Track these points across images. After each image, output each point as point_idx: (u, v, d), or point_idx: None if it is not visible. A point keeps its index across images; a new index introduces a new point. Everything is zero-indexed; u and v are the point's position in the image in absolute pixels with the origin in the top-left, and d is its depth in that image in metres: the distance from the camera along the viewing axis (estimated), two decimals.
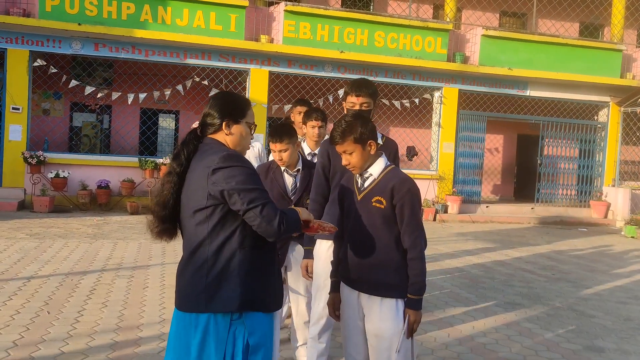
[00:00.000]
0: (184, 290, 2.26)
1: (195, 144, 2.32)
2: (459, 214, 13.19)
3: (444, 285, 6.43)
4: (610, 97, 14.84)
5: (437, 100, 13.87)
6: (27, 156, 10.94)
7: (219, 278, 2.18)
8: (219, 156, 2.18)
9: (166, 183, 2.28)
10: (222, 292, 2.18)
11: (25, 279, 5.67)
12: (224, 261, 2.19)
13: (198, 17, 11.67)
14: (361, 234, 2.63)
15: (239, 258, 2.19)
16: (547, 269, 7.82)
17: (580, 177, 14.97)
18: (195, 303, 2.20)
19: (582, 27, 16.69)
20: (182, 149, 2.30)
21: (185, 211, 2.27)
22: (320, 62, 12.63)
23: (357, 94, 3.19)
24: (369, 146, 2.61)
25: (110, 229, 9.10)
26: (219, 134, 2.34)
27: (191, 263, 2.24)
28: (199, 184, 2.20)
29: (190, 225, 2.25)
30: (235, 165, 2.17)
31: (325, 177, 3.27)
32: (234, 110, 2.35)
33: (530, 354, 4.31)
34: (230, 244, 2.19)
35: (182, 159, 2.28)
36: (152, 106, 13.44)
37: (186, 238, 2.30)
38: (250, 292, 2.20)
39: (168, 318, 4.66)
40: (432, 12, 15.54)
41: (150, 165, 11.51)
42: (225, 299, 2.17)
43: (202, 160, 2.22)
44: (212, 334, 2.18)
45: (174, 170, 2.28)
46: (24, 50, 11.12)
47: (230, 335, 2.19)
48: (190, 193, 2.24)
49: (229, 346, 2.18)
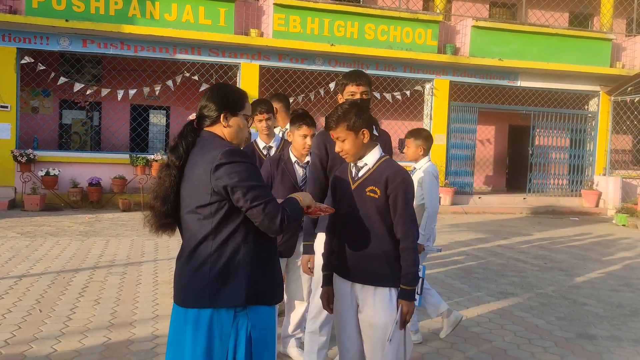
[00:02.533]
0: (186, 286, 2.21)
1: (193, 137, 2.28)
2: (452, 205, 13.23)
3: (437, 276, 6.45)
4: (601, 87, 14.90)
5: (428, 92, 13.88)
6: (17, 154, 10.85)
7: (223, 273, 2.16)
8: (222, 152, 2.15)
9: (165, 177, 2.24)
10: (227, 286, 2.16)
11: (16, 278, 5.63)
12: (229, 256, 2.17)
13: (187, 11, 11.59)
14: (354, 223, 2.63)
15: (243, 252, 2.18)
16: (540, 258, 7.87)
17: (571, 166, 15.04)
18: (199, 299, 2.16)
19: (571, 17, 16.73)
20: (180, 142, 2.25)
21: (186, 206, 2.23)
22: (310, 55, 12.59)
23: (357, 83, 3.24)
24: (362, 134, 2.61)
25: (102, 226, 9.06)
26: (217, 126, 2.30)
27: (193, 258, 2.20)
28: (202, 179, 2.16)
29: (191, 220, 2.21)
30: (238, 161, 2.16)
31: (322, 170, 3.23)
32: (231, 102, 2.32)
33: (524, 343, 4.33)
34: (234, 238, 2.18)
35: (180, 151, 2.24)
36: (143, 102, 13.35)
37: (187, 233, 2.25)
38: (255, 286, 2.20)
39: (161, 314, 4.64)
40: (422, 4, 15.52)
41: (142, 161, 11.45)
42: (231, 293, 2.16)
43: (204, 155, 2.19)
44: (216, 329, 2.16)
45: (173, 164, 2.23)
46: (12, 47, 11.00)
47: (234, 328, 2.18)
48: (191, 188, 2.20)
49: (231, 339, 2.17)
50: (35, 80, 11.71)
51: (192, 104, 13.12)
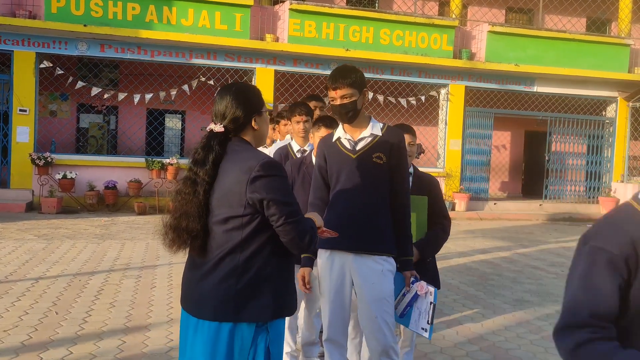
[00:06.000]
0: (206, 297, 2.10)
1: (221, 148, 2.14)
2: (467, 211, 13.13)
3: (452, 283, 6.40)
4: (618, 93, 14.71)
5: (443, 97, 13.82)
6: (35, 157, 10.99)
7: (251, 286, 2.09)
8: (260, 163, 2.07)
9: (193, 194, 2.10)
10: (255, 301, 2.09)
11: (33, 280, 5.69)
12: (256, 269, 2.10)
13: (203, 16, 11.68)
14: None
15: (271, 267, 2.13)
16: (556, 265, 7.77)
17: (588, 173, 14.86)
18: (222, 312, 2.07)
19: (589, 22, 16.56)
20: (206, 156, 2.12)
21: (215, 216, 2.12)
22: (325, 60, 12.60)
23: (333, 86, 2.74)
24: None
25: (117, 230, 9.13)
26: (246, 130, 2.20)
27: (217, 270, 2.10)
28: (234, 189, 2.08)
29: (218, 230, 2.11)
30: (276, 175, 2.09)
31: (323, 179, 2.99)
32: (255, 102, 2.22)
33: (540, 351, 4.27)
34: (263, 252, 2.11)
35: (209, 167, 2.11)
36: (158, 106, 13.46)
37: (212, 243, 2.13)
38: (280, 300, 2.15)
39: (176, 318, 4.65)
40: (437, 9, 15.48)
41: (157, 165, 11.53)
42: (257, 309, 2.09)
43: (237, 164, 2.10)
44: (237, 343, 2.09)
45: (203, 181, 2.10)
46: (31, 52, 11.17)
47: (254, 343, 2.11)
48: (221, 197, 2.11)
49: (251, 353, 2.11)
50: (54, 84, 11.87)
51: (207, 109, 13.19)
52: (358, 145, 2.79)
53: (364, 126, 2.81)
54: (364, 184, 2.74)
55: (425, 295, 2.84)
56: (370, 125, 2.81)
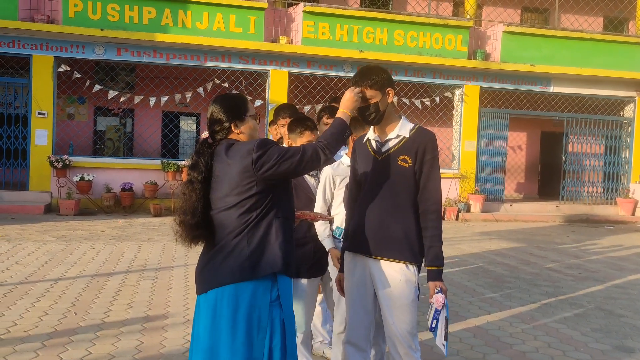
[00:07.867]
0: (222, 266, 2.33)
1: (210, 151, 2.43)
2: (482, 212, 13.05)
3: (468, 285, 6.36)
4: (636, 92, 14.53)
5: (458, 98, 13.75)
6: (53, 160, 11.14)
7: (261, 245, 2.34)
8: (255, 144, 2.34)
9: (191, 192, 2.38)
10: (266, 255, 2.34)
11: (52, 281, 5.77)
12: (264, 230, 2.35)
13: (218, 19, 11.76)
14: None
15: (275, 226, 2.37)
16: (574, 267, 7.69)
17: (606, 174, 14.68)
18: (239, 273, 2.31)
19: (606, 22, 16.38)
20: (198, 159, 2.41)
21: (222, 206, 2.37)
22: (339, 62, 12.61)
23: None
24: None
25: (134, 231, 9.22)
26: (231, 135, 2.48)
27: (229, 244, 2.34)
28: (242, 175, 2.33)
29: (228, 216, 2.36)
30: (273, 146, 2.37)
31: (354, 180, 2.91)
32: (236, 109, 2.48)
33: (558, 355, 4.23)
34: (268, 215, 2.37)
35: (201, 167, 2.39)
36: (174, 109, 13.58)
37: (221, 230, 2.37)
38: (287, 256, 2.38)
39: (192, 318, 4.68)
40: (451, 9, 15.41)
41: (173, 167, 11.63)
42: (271, 261, 2.33)
43: (234, 155, 2.36)
44: (254, 318, 2.31)
45: (196, 179, 2.39)
46: (49, 56, 11.33)
47: (270, 317, 2.34)
48: (228, 188, 2.35)
49: (268, 328, 2.33)
50: (71, 87, 12.03)
51: None
52: (384, 146, 2.71)
53: (393, 127, 2.72)
54: (386, 188, 2.66)
55: (442, 308, 2.65)
56: (399, 126, 2.70)
